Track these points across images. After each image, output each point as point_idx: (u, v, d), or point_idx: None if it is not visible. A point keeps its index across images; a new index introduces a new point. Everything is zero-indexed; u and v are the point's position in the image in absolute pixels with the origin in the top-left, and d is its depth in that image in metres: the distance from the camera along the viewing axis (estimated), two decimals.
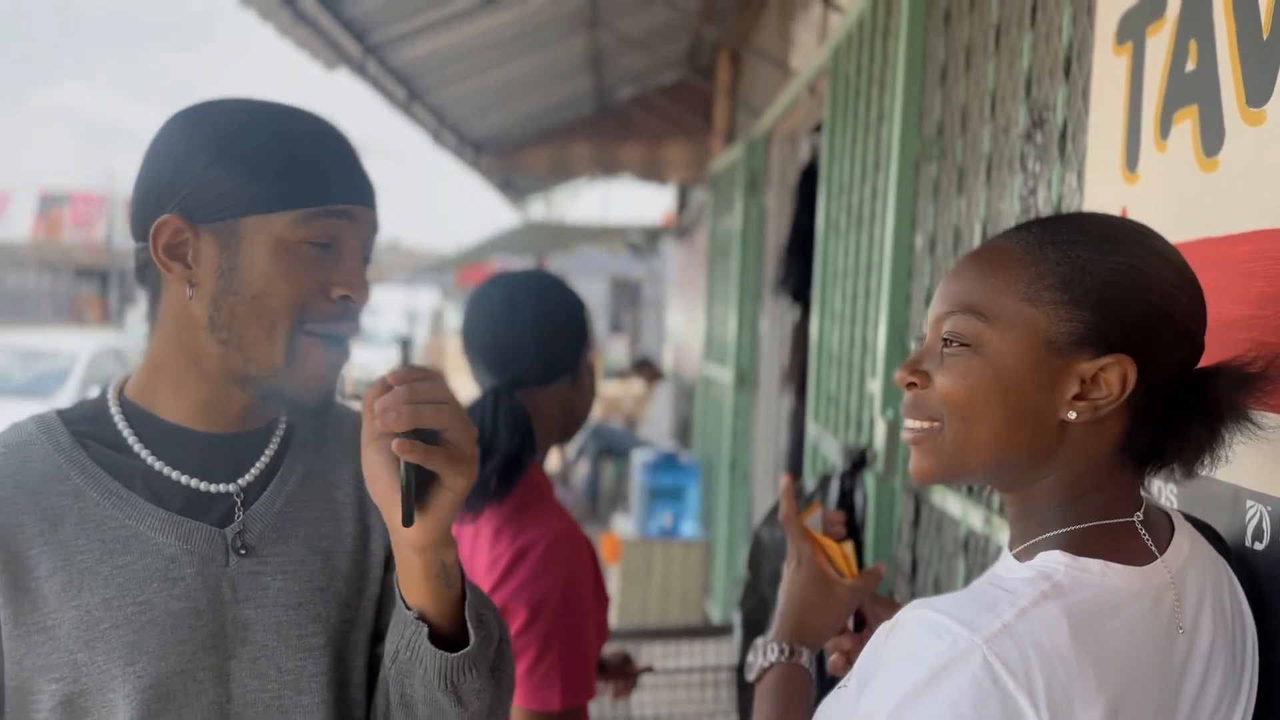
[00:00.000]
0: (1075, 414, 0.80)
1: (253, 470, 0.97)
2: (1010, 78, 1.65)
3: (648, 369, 9.10)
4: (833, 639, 1.11)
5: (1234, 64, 0.97)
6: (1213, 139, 1.00)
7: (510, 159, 7.28)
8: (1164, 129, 1.08)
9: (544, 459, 1.56)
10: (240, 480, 0.96)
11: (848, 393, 2.44)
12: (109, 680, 0.87)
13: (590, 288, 16.30)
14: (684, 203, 9.21)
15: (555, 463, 8.03)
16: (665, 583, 4.78)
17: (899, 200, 2.06)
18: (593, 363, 1.58)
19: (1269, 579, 0.88)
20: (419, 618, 0.89)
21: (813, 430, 2.78)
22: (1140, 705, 0.75)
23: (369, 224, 0.95)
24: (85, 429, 0.93)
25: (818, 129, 3.65)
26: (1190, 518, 0.90)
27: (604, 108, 7.12)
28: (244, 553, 0.93)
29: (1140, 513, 0.83)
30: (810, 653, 1.06)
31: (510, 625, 1.36)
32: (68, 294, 23.28)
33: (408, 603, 0.90)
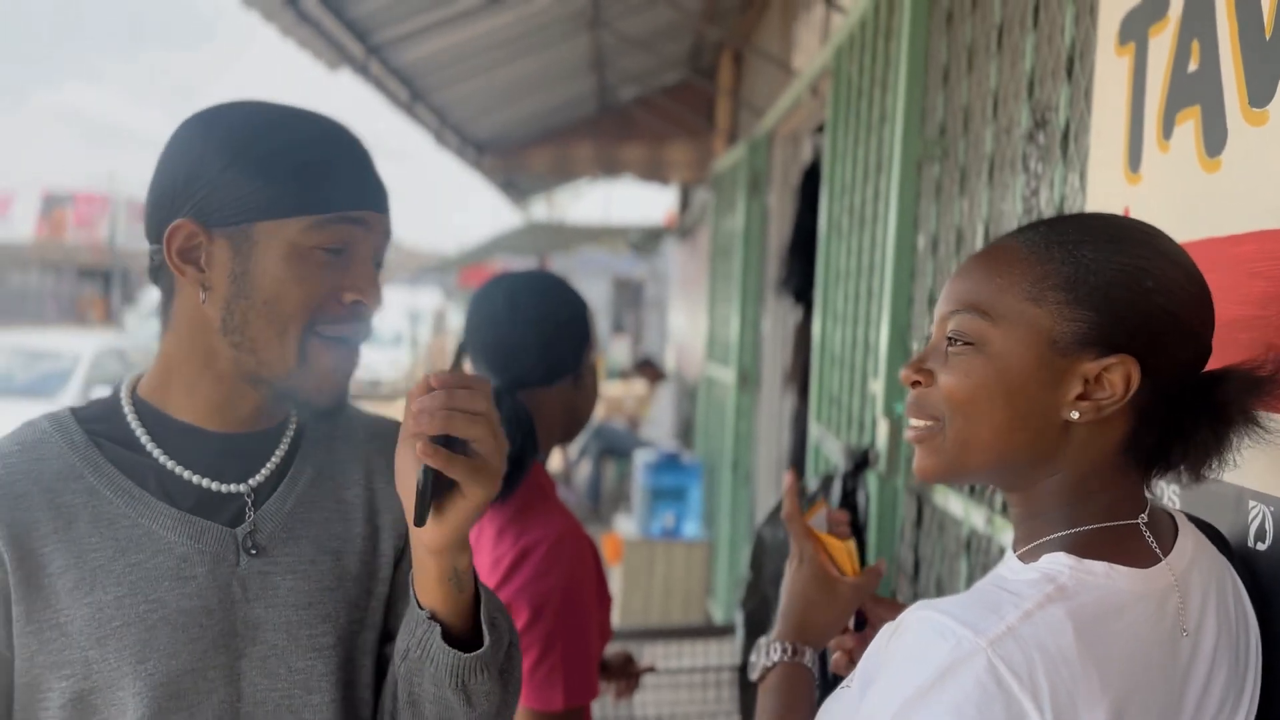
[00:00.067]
0: (1078, 414, 0.80)
1: (263, 470, 0.97)
2: (1012, 78, 1.65)
3: (650, 369, 9.10)
4: (835, 638, 1.11)
5: (1236, 64, 0.97)
6: (1215, 139, 1.00)
7: (512, 159, 7.28)
8: (1166, 129, 1.08)
9: (546, 459, 1.56)
10: (251, 480, 0.96)
11: (850, 393, 2.44)
12: (119, 678, 0.88)
13: (592, 288, 16.30)
14: (686, 203, 9.21)
15: (557, 463, 8.03)
16: (667, 583, 4.78)
17: (901, 201, 2.06)
18: (595, 363, 1.58)
19: (1272, 579, 0.88)
20: (431, 617, 0.89)
21: (815, 430, 2.78)
22: (1144, 708, 0.75)
23: (382, 229, 0.96)
24: (98, 428, 0.94)
25: (820, 129, 3.65)
26: (1193, 519, 0.90)
27: (606, 108, 7.12)
28: (254, 553, 0.94)
29: (1145, 515, 0.83)
30: (813, 652, 1.06)
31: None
32: (70, 294, 23.31)
33: (420, 602, 0.90)
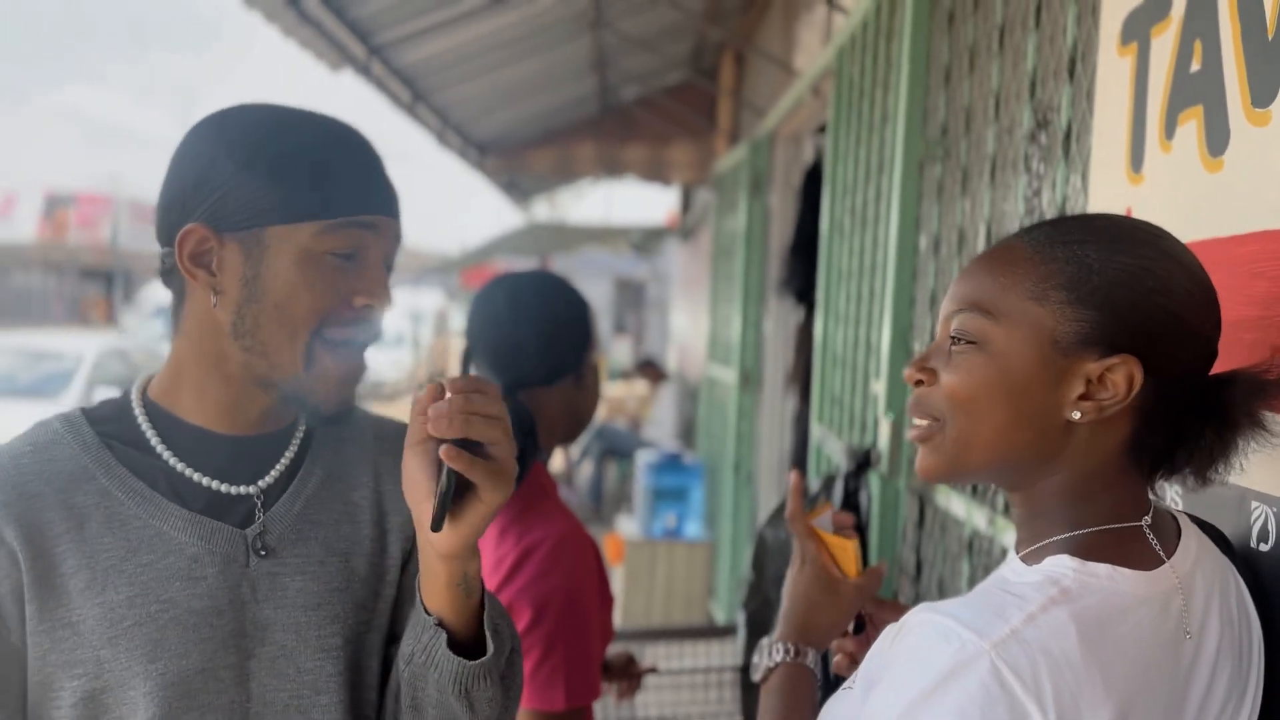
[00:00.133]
0: (1080, 414, 0.80)
1: (272, 472, 0.98)
2: (1014, 78, 1.65)
3: (652, 370, 9.09)
4: (836, 641, 1.11)
5: (1239, 64, 0.97)
6: (1218, 139, 1.00)
7: (514, 160, 7.28)
8: (1169, 129, 1.08)
9: (548, 459, 1.56)
10: (260, 482, 0.97)
11: (852, 394, 2.44)
12: (131, 678, 0.88)
13: (594, 288, 16.31)
14: (688, 203, 9.21)
15: (559, 464, 8.04)
16: (669, 583, 4.78)
17: (903, 201, 2.06)
18: (597, 363, 1.58)
19: (1274, 580, 0.88)
20: (438, 624, 0.90)
21: (817, 431, 2.78)
22: (1148, 710, 0.75)
23: (393, 234, 0.96)
24: (109, 429, 0.94)
25: (822, 130, 3.64)
26: (1196, 520, 0.90)
27: (608, 108, 7.12)
28: (264, 554, 0.94)
29: (1148, 517, 0.83)
30: (815, 653, 1.06)
31: (515, 625, 1.36)
32: (73, 295, 23.33)
33: (427, 608, 0.91)
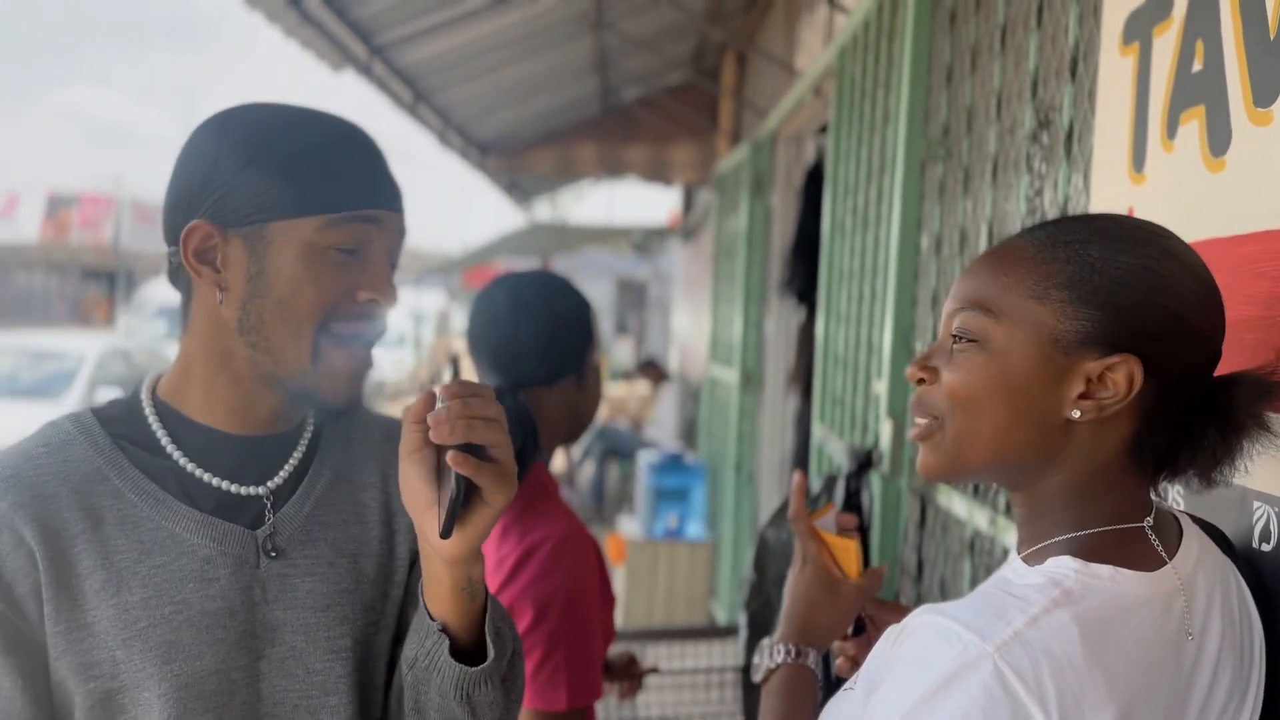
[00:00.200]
0: (1080, 413, 0.80)
1: (281, 473, 0.98)
2: (1016, 78, 1.65)
3: (653, 370, 9.09)
4: (837, 644, 1.11)
5: (1241, 64, 0.97)
6: (1220, 139, 1.00)
7: (516, 160, 7.28)
8: (1170, 129, 1.08)
9: (549, 459, 1.56)
10: (270, 483, 0.97)
11: (853, 394, 2.44)
12: (145, 679, 0.88)
13: (596, 289, 16.31)
14: (689, 204, 9.21)
15: (561, 464, 8.04)
16: (670, 584, 4.78)
17: (904, 201, 2.06)
18: (598, 363, 1.58)
19: (1276, 580, 0.88)
20: (441, 629, 0.90)
21: (818, 431, 2.78)
22: (1150, 712, 0.75)
23: (396, 229, 0.96)
24: (119, 429, 0.95)
25: (823, 130, 3.65)
26: (1197, 520, 0.89)
27: (610, 109, 7.12)
28: (274, 555, 0.95)
29: (1150, 518, 0.82)
30: (816, 653, 1.06)
31: (517, 625, 1.36)
32: (75, 295, 23.35)
33: (431, 613, 0.91)
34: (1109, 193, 1.22)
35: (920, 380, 0.86)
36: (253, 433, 0.97)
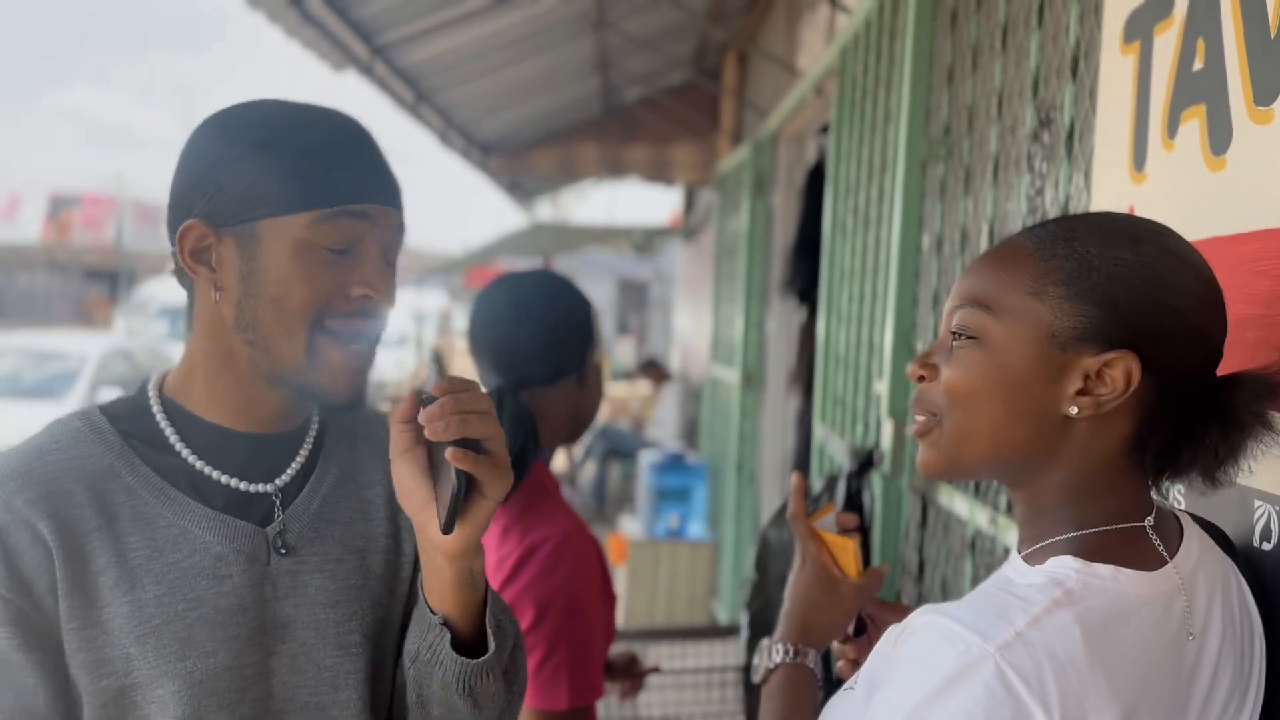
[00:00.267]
0: (1077, 409, 0.80)
1: (289, 471, 0.98)
2: (1017, 77, 1.65)
3: (655, 370, 9.09)
4: (837, 646, 1.11)
5: (1242, 63, 0.96)
6: (1220, 138, 1.00)
7: (517, 160, 7.29)
8: (1171, 128, 1.08)
9: (550, 459, 1.56)
10: (278, 480, 0.97)
11: (854, 394, 2.43)
12: (159, 676, 0.89)
13: (597, 289, 16.29)
14: (691, 204, 9.21)
15: (563, 464, 8.04)
16: (672, 584, 4.78)
17: (906, 200, 2.06)
18: (599, 363, 1.58)
19: (1276, 579, 0.88)
20: (443, 623, 0.90)
21: (819, 431, 2.78)
22: (1151, 712, 0.75)
23: (391, 224, 0.95)
24: (127, 427, 0.95)
25: (824, 130, 3.64)
26: (1198, 519, 0.89)
27: (611, 109, 7.13)
28: (285, 552, 0.95)
29: (1151, 517, 0.82)
30: (816, 653, 1.06)
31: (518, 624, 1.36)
32: (77, 295, 23.37)
33: (432, 607, 0.91)
34: (1110, 192, 1.22)
35: (921, 378, 0.87)
36: (259, 430, 0.97)
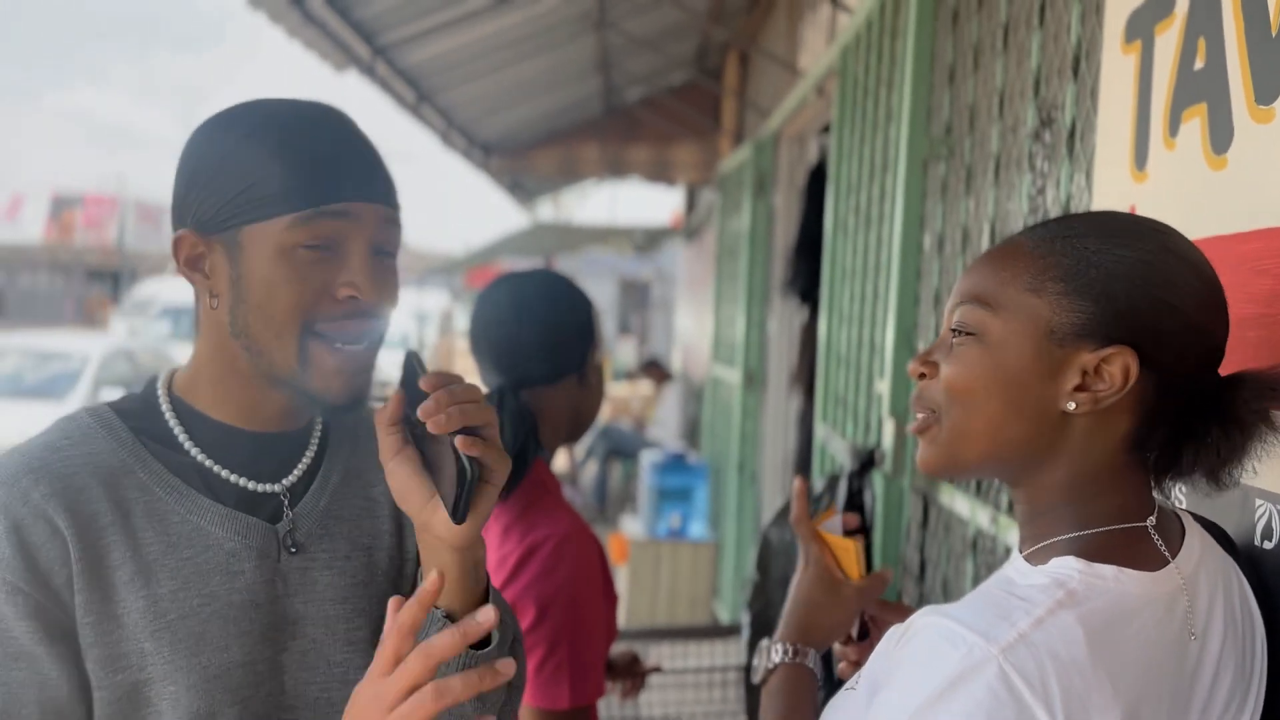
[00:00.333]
0: (1075, 405, 0.80)
1: (296, 470, 0.99)
2: (1019, 77, 1.65)
3: (656, 370, 9.09)
4: (840, 648, 1.11)
5: (1243, 62, 0.96)
6: (1222, 137, 1.00)
7: (519, 160, 7.29)
8: (1173, 127, 1.08)
9: (551, 458, 1.56)
10: (285, 480, 0.98)
11: (856, 393, 2.43)
12: (174, 671, 0.89)
13: (599, 289, 16.29)
14: (692, 204, 9.21)
15: (564, 464, 8.04)
16: (673, 583, 4.78)
17: (907, 200, 2.06)
18: (600, 363, 1.58)
19: (1278, 579, 0.88)
20: (445, 616, 0.90)
21: (821, 431, 2.78)
22: (1154, 713, 0.75)
23: (376, 220, 0.93)
24: (138, 424, 0.95)
25: (826, 130, 3.64)
26: (1199, 518, 0.89)
27: (612, 109, 7.13)
28: (295, 551, 0.96)
29: (1153, 517, 0.82)
30: (816, 653, 1.06)
31: (519, 623, 1.36)
32: (79, 296, 23.40)
33: (436, 602, 0.91)
34: (1111, 191, 1.22)
35: (921, 375, 0.87)
36: (265, 429, 0.97)
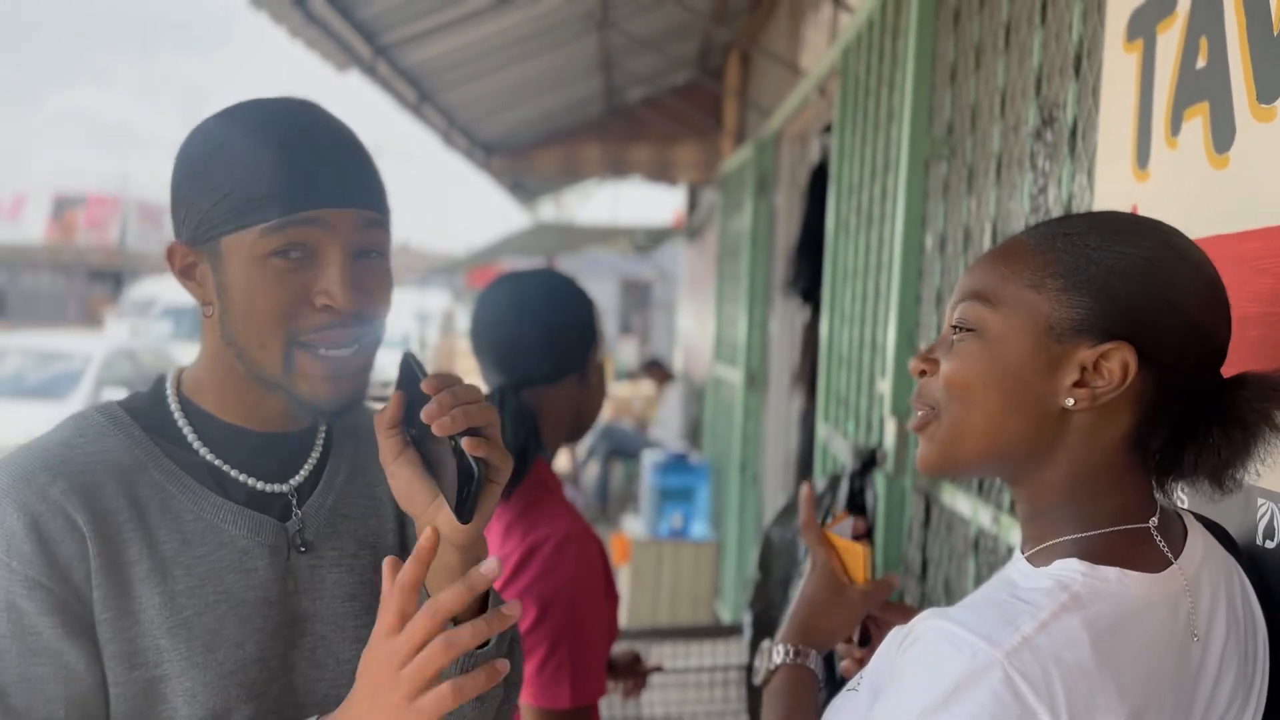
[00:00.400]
0: (1074, 401, 0.80)
1: (303, 470, 1.00)
2: (1020, 76, 1.65)
3: (658, 370, 9.09)
4: (843, 646, 1.11)
5: (1245, 60, 0.96)
6: (1223, 136, 0.99)
7: (520, 160, 7.30)
8: (1174, 126, 1.08)
9: (552, 457, 1.56)
10: (292, 480, 0.99)
11: (858, 393, 2.43)
12: (189, 668, 0.90)
13: (600, 289, 16.30)
14: (694, 203, 9.21)
15: (565, 463, 8.04)
16: (675, 583, 4.78)
17: (909, 200, 2.06)
18: (602, 362, 1.58)
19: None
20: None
21: (823, 430, 2.78)
22: (1158, 714, 0.75)
23: (353, 225, 0.91)
24: (148, 423, 0.96)
25: (828, 129, 3.64)
26: (1200, 517, 0.89)
27: (614, 109, 7.13)
28: (304, 549, 0.97)
29: (1155, 518, 0.82)
30: (817, 654, 1.06)
31: (520, 623, 1.36)
32: (81, 296, 23.41)
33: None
34: (1113, 190, 1.22)
35: (922, 372, 0.87)
36: (270, 429, 0.98)
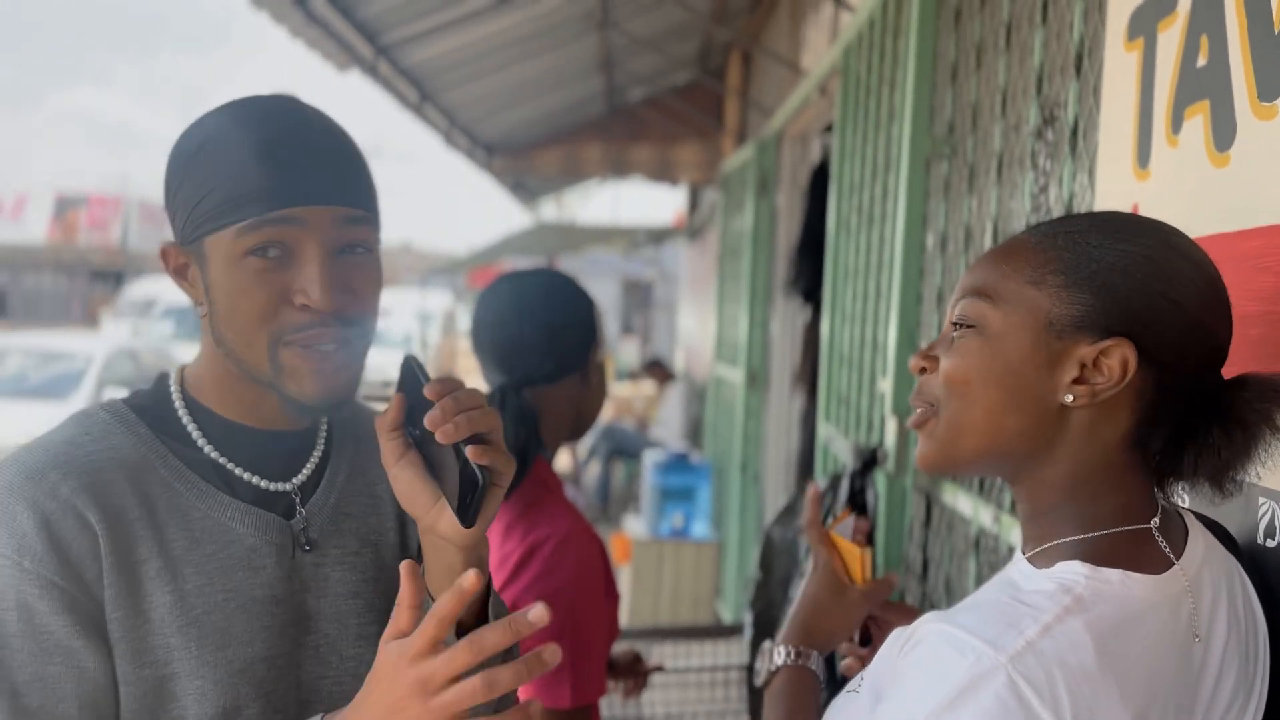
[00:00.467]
0: (1073, 397, 0.80)
1: (306, 469, 1.00)
2: (1021, 75, 1.65)
3: (659, 370, 9.09)
4: (845, 645, 1.11)
5: (1245, 59, 0.96)
6: (1224, 134, 0.99)
7: (522, 160, 7.30)
8: (1175, 125, 1.08)
9: (553, 457, 1.56)
10: (296, 479, 0.99)
11: (859, 392, 2.43)
12: (200, 666, 0.90)
13: (601, 289, 16.29)
14: (695, 203, 9.21)
15: (566, 463, 8.04)
16: (676, 583, 4.78)
17: (910, 199, 2.06)
18: (602, 361, 1.58)
19: None
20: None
21: (824, 430, 2.78)
22: (1161, 715, 0.75)
23: (331, 222, 0.90)
24: (152, 421, 0.96)
25: (829, 129, 3.64)
26: (1201, 516, 0.89)
27: (615, 109, 7.13)
28: (308, 548, 0.97)
29: (1157, 518, 0.82)
30: (819, 655, 1.06)
31: None
32: (83, 296, 23.42)
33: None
34: (1114, 189, 1.22)
35: (922, 370, 0.87)
36: (271, 427, 0.98)
